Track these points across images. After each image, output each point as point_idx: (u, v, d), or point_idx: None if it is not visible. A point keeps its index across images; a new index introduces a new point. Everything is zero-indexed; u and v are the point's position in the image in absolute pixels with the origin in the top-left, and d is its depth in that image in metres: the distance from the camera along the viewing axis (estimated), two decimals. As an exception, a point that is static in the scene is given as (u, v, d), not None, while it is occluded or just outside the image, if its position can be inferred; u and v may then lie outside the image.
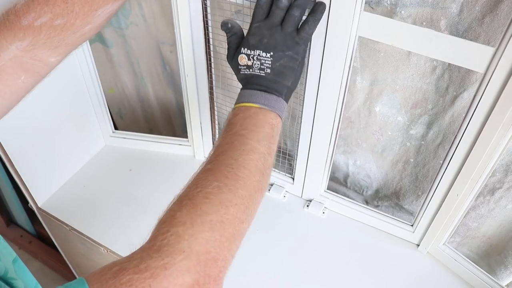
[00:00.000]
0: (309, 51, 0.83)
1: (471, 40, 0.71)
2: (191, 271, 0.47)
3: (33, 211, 1.12)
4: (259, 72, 0.67)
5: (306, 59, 0.83)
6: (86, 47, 1.04)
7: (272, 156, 0.63)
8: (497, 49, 0.65)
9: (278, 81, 0.67)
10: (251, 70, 0.68)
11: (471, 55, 0.68)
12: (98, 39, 1.22)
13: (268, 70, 0.67)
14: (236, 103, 0.68)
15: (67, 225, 1.05)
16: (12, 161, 0.97)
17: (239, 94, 0.69)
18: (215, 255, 0.51)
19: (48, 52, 0.63)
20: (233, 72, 0.73)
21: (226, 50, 0.73)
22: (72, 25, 0.61)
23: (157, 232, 0.52)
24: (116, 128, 1.25)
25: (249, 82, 0.68)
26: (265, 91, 0.66)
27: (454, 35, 0.76)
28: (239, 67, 0.69)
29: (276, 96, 0.66)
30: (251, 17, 0.70)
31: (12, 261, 0.46)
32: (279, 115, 0.66)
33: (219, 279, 0.52)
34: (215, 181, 0.56)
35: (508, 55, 0.64)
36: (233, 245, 0.55)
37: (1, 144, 0.93)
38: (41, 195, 1.09)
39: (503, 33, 0.63)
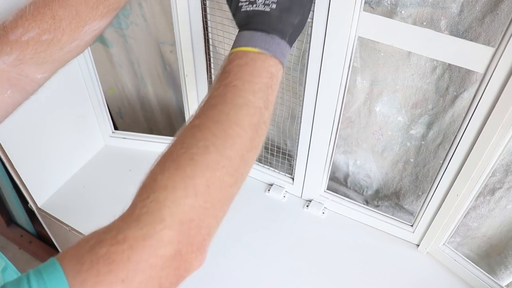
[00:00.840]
0: (309, 50, 0.83)
1: (471, 40, 0.71)
2: (172, 241, 0.44)
3: (33, 211, 1.12)
4: (264, 8, 0.58)
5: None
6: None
7: (270, 109, 0.56)
8: (497, 49, 0.65)
9: (284, 18, 0.58)
10: (254, 5, 0.59)
11: (471, 55, 0.68)
12: (98, 39, 1.22)
13: (274, 5, 0.58)
14: (232, 48, 0.59)
15: (67, 225, 1.05)
16: (12, 161, 0.97)
17: (236, 36, 0.59)
18: (198, 222, 0.47)
19: (35, 68, 0.63)
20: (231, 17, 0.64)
21: (225, 50, 0.72)
22: (59, 41, 0.61)
23: (137, 199, 0.49)
24: (116, 128, 1.25)
25: (250, 22, 0.59)
26: (266, 32, 0.57)
27: (455, 35, 0.76)
28: (240, 3, 0.60)
29: (279, 38, 0.57)
30: None
31: (1, 270, 0.45)
32: (280, 62, 0.58)
33: (202, 247, 0.48)
34: (202, 139, 0.50)
35: (508, 55, 0.64)
36: (219, 211, 0.51)
37: (0, 145, 0.93)
38: (41, 195, 1.09)
39: (503, 33, 0.63)
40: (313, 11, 0.76)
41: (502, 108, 0.69)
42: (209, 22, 0.92)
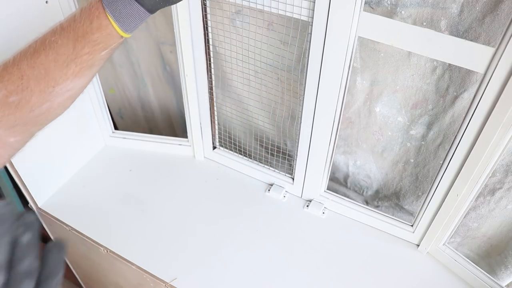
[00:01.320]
0: (309, 50, 0.83)
1: (471, 40, 0.71)
2: None
3: (33, 211, 1.12)
4: None
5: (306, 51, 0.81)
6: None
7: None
8: (497, 49, 0.65)
9: None
10: None
11: (471, 55, 0.68)
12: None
13: None
14: None
15: (67, 225, 1.05)
16: (12, 161, 0.97)
17: None
18: None
19: (6, 132, 0.57)
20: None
21: (225, 50, 0.71)
22: (27, 102, 0.56)
23: None
24: (116, 128, 1.25)
25: None
26: None
27: (455, 36, 0.76)
28: None
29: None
30: (250, 17, 0.67)
31: None
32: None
33: None
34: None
35: (508, 55, 0.64)
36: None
37: (1, 144, 0.93)
38: (41, 195, 1.09)
39: (503, 33, 0.63)
40: (313, 11, 0.76)
41: (502, 108, 0.69)
42: (209, 22, 0.92)
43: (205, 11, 0.91)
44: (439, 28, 0.78)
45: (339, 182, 1.19)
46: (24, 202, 1.64)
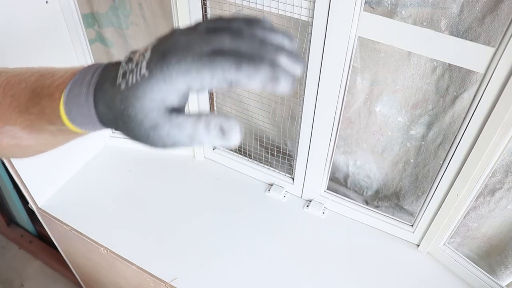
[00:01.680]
0: (309, 50, 0.83)
1: (471, 40, 0.71)
2: None
3: (33, 211, 1.12)
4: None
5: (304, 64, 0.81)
6: (86, 47, 1.04)
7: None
8: (497, 49, 0.65)
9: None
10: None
11: (471, 55, 0.68)
12: (98, 39, 1.22)
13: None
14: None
15: (67, 225, 1.05)
16: (12, 161, 0.97)
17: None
18: None
19: None
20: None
21: None
22: None
23: None
24: (116, 128, 1.24)
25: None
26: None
27: (455, 35, 0.76)
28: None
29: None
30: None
31: None
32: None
33: None
34: None
35: (508, 55, 0.64)
36: None
37: (1, 144, 0.93)
38: (41, 195, 1.09)
39: (503, 33, 0.63)
40: (313, 10, 0.76)
41: (502, 108, 0.69)
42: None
43: (205, 11, 0.91)
44: (439, 28, 0.78)
45: (339, 182, 1.19)
46: (25, 202, 1.64)
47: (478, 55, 0.67)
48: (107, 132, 1.22)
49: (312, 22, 0.79)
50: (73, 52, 1.02)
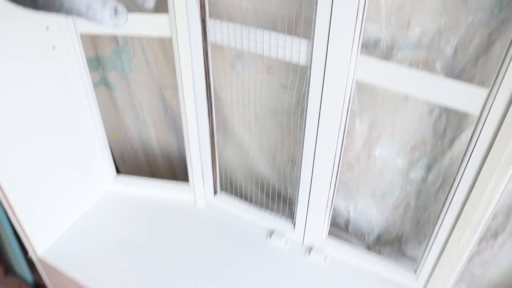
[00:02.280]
0: (308, 94, 0.84)
1: (466, 81, 0.72)
2: None
3: (33, 261, 1.10)
4: None
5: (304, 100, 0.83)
6: (89, 90, 1.06)
7: None
8: (490, 90, 0.66)
9: None
10: None
11: (464, 97, 0.69)
12: (102, 82, 1.24)
13: None
14: None
15: (66, 276, 1.03)
16: (13, 207, 0.96)
17: None
18: None
19: None
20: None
21: (226, 94, 0.72)
22: None
23: None
24: (118, 171, 1.25)
25: None
26: None
27: (450, 77, 0.78)
28: None
29: None
30: (250, 61, 0.68)
31: None
32: None
33: None
34: None
35: (502, 96, 0.65)
36: None
37: (2, 189, 0.93)
38: (41, 244, 1.07)
39: (496, 74, 0.64)
40: (311, 55, 0.78)
41: (498, 149, 0.69)
42: (210, 67, 0.94)
43: (207, 56, 0.93)
44: (434, 70, 0.79)
45: (340, 228, 1.18)
46: (25, 251, 1.62)
47: (472, 96, 0.68)
48: (110, 177, 1.23)
49: (310, 66, 0.80)
50: (77, 95, 1.04)
